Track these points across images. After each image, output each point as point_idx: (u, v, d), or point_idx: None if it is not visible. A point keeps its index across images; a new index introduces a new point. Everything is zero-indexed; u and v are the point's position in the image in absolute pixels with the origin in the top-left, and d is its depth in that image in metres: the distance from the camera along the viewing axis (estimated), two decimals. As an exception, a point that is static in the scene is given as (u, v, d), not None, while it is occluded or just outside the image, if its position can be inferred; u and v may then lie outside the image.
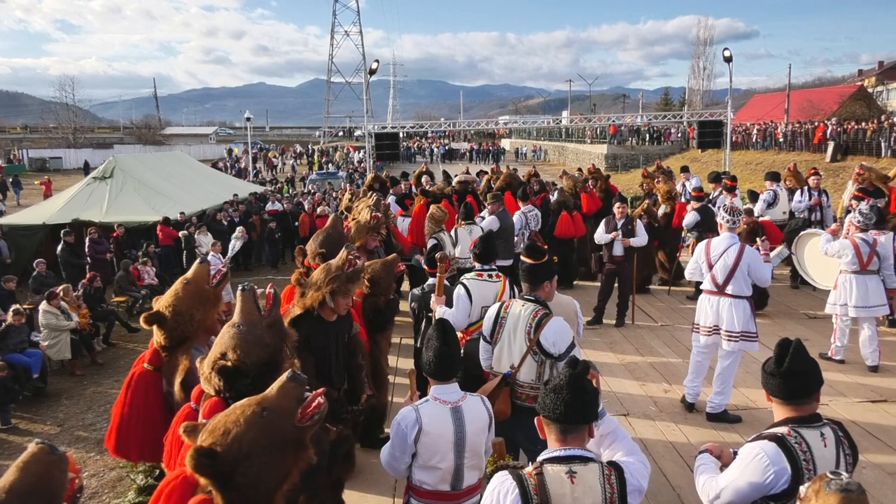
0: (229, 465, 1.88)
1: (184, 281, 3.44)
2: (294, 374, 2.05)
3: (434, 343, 2.77)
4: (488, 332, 3.74)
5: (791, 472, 2.28)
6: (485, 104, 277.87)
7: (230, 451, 1.89)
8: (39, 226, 13.32)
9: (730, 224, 5.34)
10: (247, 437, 1.91)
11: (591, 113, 56.72)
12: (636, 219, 7.96)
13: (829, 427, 2.36)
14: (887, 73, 50.23)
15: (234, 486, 1.89)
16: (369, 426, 4.93)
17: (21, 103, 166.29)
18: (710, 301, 5.30)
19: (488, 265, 4.53)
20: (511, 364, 3.60)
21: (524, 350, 3.55)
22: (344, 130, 69.32)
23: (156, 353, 3.42)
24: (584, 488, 1.96)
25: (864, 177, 8.79)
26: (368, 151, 18.60)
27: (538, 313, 3.55)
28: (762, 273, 5.23)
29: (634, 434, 5.19)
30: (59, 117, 57.28)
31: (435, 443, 2.69)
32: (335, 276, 3.63)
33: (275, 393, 2.02)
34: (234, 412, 1.99)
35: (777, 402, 2.45)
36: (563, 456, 2.02)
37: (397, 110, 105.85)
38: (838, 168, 22.38)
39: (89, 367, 8.87)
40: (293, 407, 2.01)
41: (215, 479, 1.89)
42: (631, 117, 34.87)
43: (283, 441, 1.97)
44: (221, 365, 2.57)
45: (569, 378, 2.08)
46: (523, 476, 2.01)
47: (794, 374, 2.35)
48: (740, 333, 5.15)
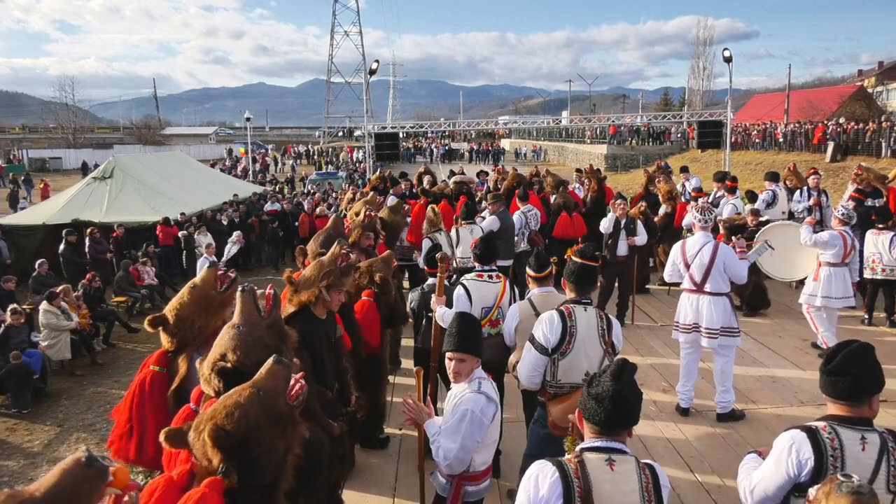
0: (240, 438, 2.01)
1: (191, 286, 3.41)
2: (278, 357, 2.22)
3: (454, 326, 2.99)
4: (554, 343, 3.40)
5: (815, 463, 2.30)
6: (485, 104, 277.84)
7: (240, 426, 2.01)
8: (39, 226, 13.32)
9: (702, 223, 5.42)
10: (251, 412, 2.04)
11: (591, 113, 56.72)
12: (636, 218, 7.98)
13: (878, 434, 2.33)
14: (887, 74, 50.26)
15: (249, 455, 2.02)
16: (369, 426, 4.93)
17: (21, 103, 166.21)
18: (689, 299, 5.39)
19: (488, 265, 4.52)
20: (586, 371, 3.39)
21: (602, 354, 3.43)
22: (344, 131, 69.32)
23: (163, 355, 3.42)
24: (622, 475, 1.99)
25: (863, 177, 8.79)
26: (368, 151, 18.59)
27: (602, 315, 3.50)
28: (737, 270, 5.28)
29: (635, 433, 5.19)
30: (59, 117, 57.27)
31: (499, 417, 2.94)
32: (329, 271, 3.64)
33: (265, 375, 2.16)
34: (230, 397, 2.11)
35: (826, 398, 2.47)
36: (603, 447, 2.06)
37: (397, 110, 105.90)
38: (838, 168, 22.39)
39: (89, 367, 8.87)
40: (283, 387, 2.18)
41: (231, 451, 2.00)
42: (631, 117, 34.89)
43: (281, 416, 2.12)
44: (221, 366, 2.56)
45: (611, 392, 2.06)
46: (563, 462, 2.04)
47: (840, 374, 2.36)
48: (720, 330, 5.21)
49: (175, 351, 3.34)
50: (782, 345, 7.04)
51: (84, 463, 1.60)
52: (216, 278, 3.43)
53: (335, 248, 3.80)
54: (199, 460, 2.08)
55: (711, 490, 4.35)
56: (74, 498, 1.59)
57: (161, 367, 3.38)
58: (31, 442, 6.75)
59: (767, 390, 5.95)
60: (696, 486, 4.40)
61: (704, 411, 5.48)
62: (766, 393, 5.89)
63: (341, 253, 3.79)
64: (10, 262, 12.55)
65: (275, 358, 2.21)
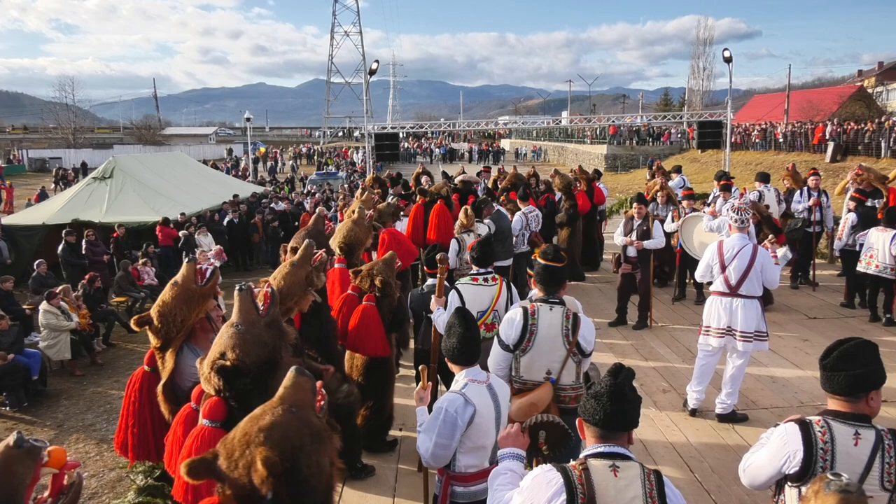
0: (290, 461, 1.83)
1: (172, 283, 3.48)
2: (300, 369, 2.06)
3: (457, 329, 2.90)
4: (515, 341, 3.53)
5: (804, 454, 2.34)
6: (484, 104, 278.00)
7: (285, 449, 1.82)
8: (39, 226, 13.30)
9: (739, 224, 5.31)
10: (291, 432, 1.87)
11: (591, 113, 56.71)
12: (652, 220, 7.87)
13: (874, 431, 2.34)
14: (887, 74, 50.30)
15: (303, 479, 1.85)
16: (375, 430, 4.91)
17: (20, 103, 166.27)
18: (721, 302, 5.24)
19: (485, 269, 4.49)
20: (548, 370, 3.53)
21: (565, 353, 3.50)
22: (344, 131, 69.33)
23: (152, 355, 3.47)
24: (626, 481, 1.99)
25: (863, 177, 8.80)
26: (368, 152, 18.59)
27: (569, 315, 3.52)
28: (773, 274, 5.23)
29: (634, 434, 5.19)
30: (59, 118, 57.22)
31: (485, 421, 2.82)
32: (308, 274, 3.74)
33: (292, 389, 2.00)
34: (261, 418, 1.90)
35: (826, 393, 2.50)
36: (606, 452, 2.06)
37: (397, 110, 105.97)
38: (838, 168, 22.37)
39: (89, 367, 8.86)
40: (312, 399, 2.03)
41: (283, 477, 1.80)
42: (631, 118, 34.80)
43: (318, 430, 1.97)
44: (220, 364, 2.58)
45: (609, 387, 2.09)
46: (567, 468, 2.03)
47: (837, 370, 2.40)
48: (754, 333, 5.14)
49: (161, 347, 3.41)
50: (782, 345, 7.03)
51: (13, 444, 1.65)
52: (196, 273, 3.49)
53: (305, 249, 3.86)
54: (235, 489, 1.86)
55: (711, 490, 4.34)
56: (8, 477, 1.64)
57: (152, 368, 3.45)
58: (30, 442, 6.74)
59: (767, 390, 5.95)
60: (697, 487, 4.40)
61: (704, 411, 5.47)
62: (766, 393, 5.89)
63: (312, 252, 3.86)
64: (10, 262, 12.55)
65: (297, 369, 2.05)
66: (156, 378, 3.42)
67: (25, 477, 1.69)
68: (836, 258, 9.90)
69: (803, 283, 9.35)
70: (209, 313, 3.59)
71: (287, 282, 3.69)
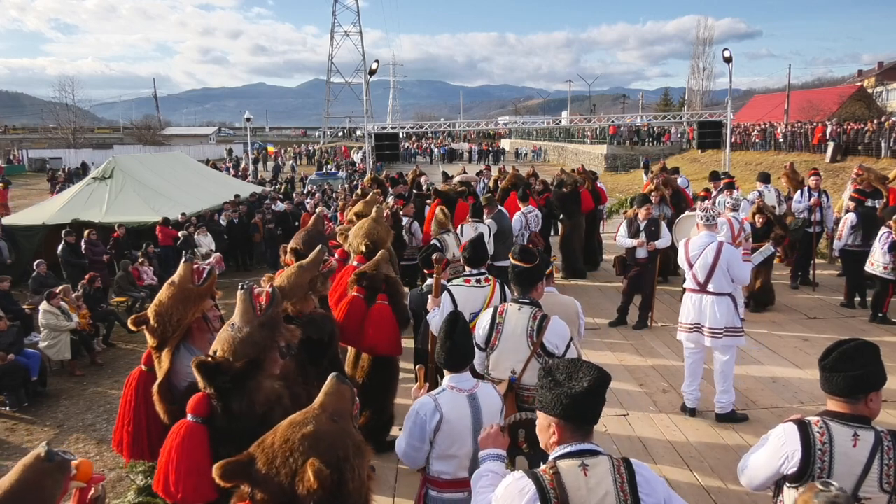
0: (337, 472, 1.78)
1: (169, 283, 3.49)
2: (340, 376, 2.00)
3: (442, 336, 2.90)
4: (483, 339, 3.64)
5: (802, 455, 2.34)
6: (484, 104, 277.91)
7: (331, 459, 1.77)
8: (39, 226, 13.30)
9: (706, 222, 5.41)
10: (338, 443, 1.83)
11: (591, 113, 56.68)
12: (660, 220, 7.85)
13: (873, 432, 2.33)
14: (887, 74, 50.30)
15: (347, 492, 1.80)
16: (377, 430, 4.90)
17: (20, 103, 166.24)
18: (692, 299, 5.37)
19: (477, 269, 4.45)
20: (513, 369, 3.57)
21: (528, 353, 3.53)
22: (344, 131, 69.33)
23: (150, 355, 3.48)
24: (596, 479, 1.98)
25: (863, 177, 8.80)
26: (368, 152, 18.58)
27: (537, 315, 3.55)
28: (741, 271, 5.28)
29: (634, 434, 5.20)
30: (59, 118, 57.19)
31: (455, 430, 2.77)
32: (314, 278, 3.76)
33: (333, 398, 1.93)
34: (301, 427, 1.83)
35: (825, 393, 2.50)
36: (574, 451, 2.04)
37: (397, 110, 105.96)
38: (838, 168, 22.37)
39: (89, 367, 8.86)
40: (351, 409, 1.98)
41: (331, 489, 1.75)
42: (631, 118, 34.79)
43: (359, 442, 1.92)
44: (201, 360, 2.60)
45: (563, 363, 2.10)
46: (539, 474, 2.01)
47: (836, 371, 2.39)
48: (724, 329, 5.19)
49: (157, 347, 3.41)
50: (782, 345, 7.03)
51: (44, 457, 1.61)
52: (193, 272, 3.49)
53: (315, 254, 3.85)
54: (272, 495, 1.80)
55: (711, 490, 4.34)
56: (38, 492, 1.60)
57: (149, 368, 3.45)
58: (30, 442, 6.74)
59: (767, 390, 5.95)
60: (696, 487, 4.40)
61: (704, 411, 5.48)
62: (766, 393, 5.89)
63: (322, 258, 3.86)
64: (10, 262, 12.54)
65: (337, 376, 1.97)
66: (152, 378, 3.42)
67: (56, 491, 1.66)
68: (836, 258, 9.90)
69: (803, 283, 9.35)
70: (206, 313, 3.58)
71: (291, 282, 3.70)
